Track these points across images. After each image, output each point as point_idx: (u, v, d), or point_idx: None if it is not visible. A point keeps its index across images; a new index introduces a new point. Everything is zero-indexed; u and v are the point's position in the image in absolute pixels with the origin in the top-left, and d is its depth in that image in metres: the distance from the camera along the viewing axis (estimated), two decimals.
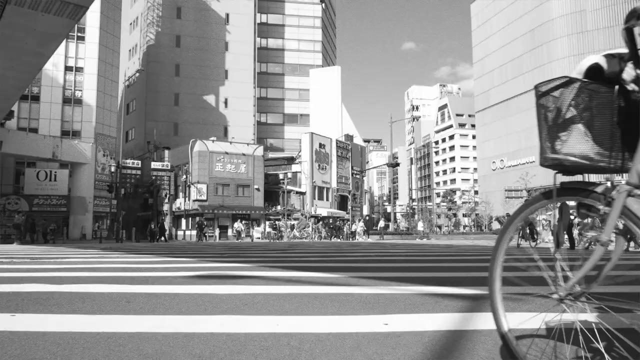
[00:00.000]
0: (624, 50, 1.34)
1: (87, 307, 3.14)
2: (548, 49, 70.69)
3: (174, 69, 61.76)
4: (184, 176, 45.88)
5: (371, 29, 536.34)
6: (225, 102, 63.13)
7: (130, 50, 65.71)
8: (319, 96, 69.69)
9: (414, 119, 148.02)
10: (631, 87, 1.28)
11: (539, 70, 71.71)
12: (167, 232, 37.42)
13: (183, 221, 45.20)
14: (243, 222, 40.89)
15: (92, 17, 44.66)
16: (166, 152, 51.18)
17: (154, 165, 47.48)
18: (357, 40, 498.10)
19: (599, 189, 1.37)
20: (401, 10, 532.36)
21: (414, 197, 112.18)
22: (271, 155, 57.45)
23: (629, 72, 1.32)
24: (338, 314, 2.94)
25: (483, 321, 2.60)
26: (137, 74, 60.67)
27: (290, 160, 53.55)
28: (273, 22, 76.85)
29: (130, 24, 66.29)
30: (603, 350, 1.49)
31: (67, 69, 43.99)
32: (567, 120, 1.40)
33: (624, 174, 1.35)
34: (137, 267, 6.43)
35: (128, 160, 48.18)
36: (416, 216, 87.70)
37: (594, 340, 1.57)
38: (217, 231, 41.49)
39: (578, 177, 1.48)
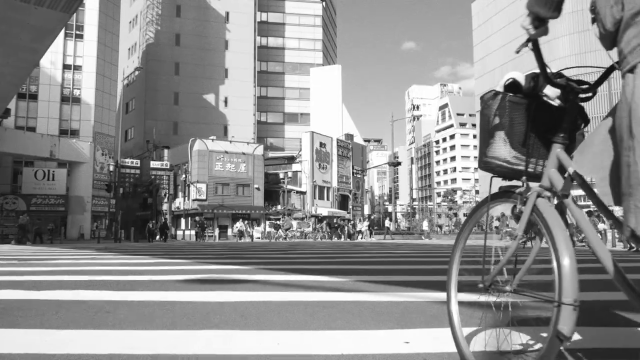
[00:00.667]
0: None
1: (59, 320, 2.73)
2: (549, 48, 70.27)
3: (174, 68, 61.33)
4: (183, 175, 45.46)
5: (371, 29, 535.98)
6: (225, 101, 62.71)
7: (129, 49, 65.29)
8: (319, 95, 69.28)
9: (414, 118, 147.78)
10: (557, 102, 1.39)
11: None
12: (168, 232, 37.02)
13: (182, 221, 44.81)
14: (246, 221, 40.46)
15: (91, 15, 44.25)
16: (165, 151, 50.74)
17: (153, 164, 47.06)
18: (358, 39, 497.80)
19: (518, 191, 1.55)
20: (401, 9, 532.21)
21: (414, 196, 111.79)
22: (271, 154, 57.03)
23: (552, 90, 1.46)
24: (349, 327, 2.53)
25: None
26: (136, 72, 60.28)
27: (291, 160, 53.13)
28: (273, 20, 76.43)
29: (130, 22, 65.85)
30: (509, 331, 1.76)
31: (66, 67, 43.55)
32: (493, 128, 1.57)
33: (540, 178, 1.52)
34: (127, 270, 6.01)
35: (127, 160, 47.77)
36: (417, 216, 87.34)
37: (502, 325, 1.81)
38: (216, 231, 41.06)
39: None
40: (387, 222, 38.24)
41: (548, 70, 1.45)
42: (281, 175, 50.42)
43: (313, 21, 77.08)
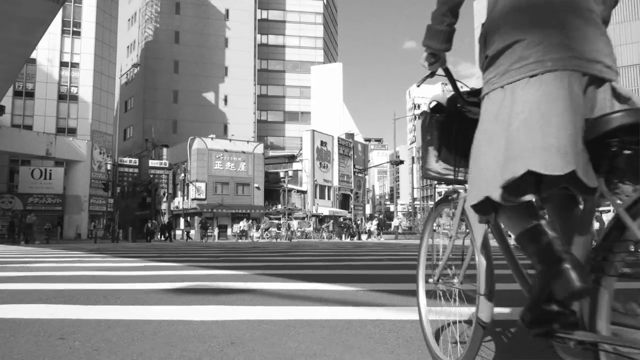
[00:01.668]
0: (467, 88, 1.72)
1: None
2: None
3: (173, 66, 60.67)
4: (182, 174, 44.84)
5: (372, 27, 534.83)
6: (225, 100, 62.04)
7: (128, 47, 64.62)
8: (320, 93, 68.58)
9: (416, 117, 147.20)
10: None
11: None
12: (177, 231, 36.40)
13: (182, 220, 44.19)
14: (250, 221, 39.82)
15: (88, 12, 43.62)
16: (164, 150, 50.11)
17: (152, 163, 46.43)
18: (359, 38, 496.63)
19: (452, 196, 1.77)
20: (402, 8, 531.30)
21: (416, 195, 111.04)
22: (272, 153, 56.39)
23: (474, 111, 1.59)
24: None
25: None
26: (135, 70, 59.63)
27: (291, 158, 52.49)
28: (274, 18, 75.75)
29: (129, 20, 65.18)
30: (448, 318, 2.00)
31: (63, 64, 42.91)
32: (425, 143, 1.78)
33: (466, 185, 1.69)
34: (109, 277, 5.36)
35: (125, 159, 47.13)
36: (419, 215, 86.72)
37: (445, 313, 1.99)
38: (216, 231, 40.41)
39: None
40: (395, 222, 37.42)
41: (466, 89, 1.70)
42: (281, 174, 49.78)
43: (314, 19, 76.39)
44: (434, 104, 1.76)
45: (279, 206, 46.76)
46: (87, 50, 43.34)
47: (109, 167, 38.22)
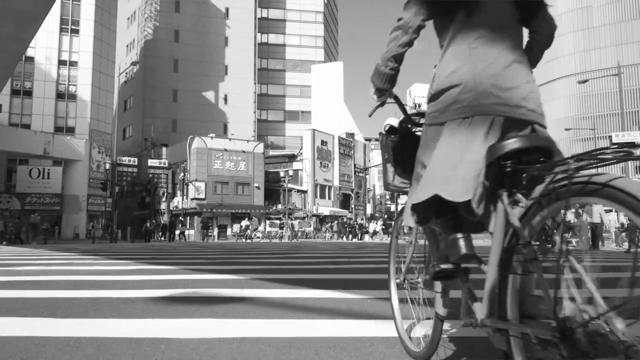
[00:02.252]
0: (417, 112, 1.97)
1: None
2: (554, 45, 68.03)
3: (173, 65, 60.29)
4: (182, 174, 44.47)
5: (373, 26, 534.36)
6: (225, 99, 61.65)
7: (127, 46, 64.25)
8: (321, 92, 68.17)
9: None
10: None
11: (543, 67, 70.30)
12: (177, 231, 36.05)
13: (181, 220, 43.81)
14: (253, 220, 39.41)
15: (87, 10, 43.21)
16: (164, 149, 49.75)
17: (151, 162, 46.06)
18: (359, 37, 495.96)
19: None
20: (402, 8, 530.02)
21: None
22: (272, 152, 56.02)
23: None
24: None
25: None
26: (133, 68, 59.25)
27: (291, 158, 52.11)
28: (274, 17, 75.33)
29: (128, 18, 64.81)
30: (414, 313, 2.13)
31: (61, 62, 42.50)
32: (385, 161, 1.97)
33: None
34: (96, 282, 5.00)
35: (124, 158, 46.76)
36: None
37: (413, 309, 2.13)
38: (215, 230, 40.02)
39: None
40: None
41: (415, 111, 1.96)
42: (282, 174, 49.39)
43: (314, 17, 75.96)
44: (388, 127, 1.96)
45: (279, 206, 46.37)
46: (85, 49, 42.94)
47: (107, 166, 37.84)
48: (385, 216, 46.41)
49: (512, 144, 1.36)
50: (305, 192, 48.65)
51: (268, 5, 74.59)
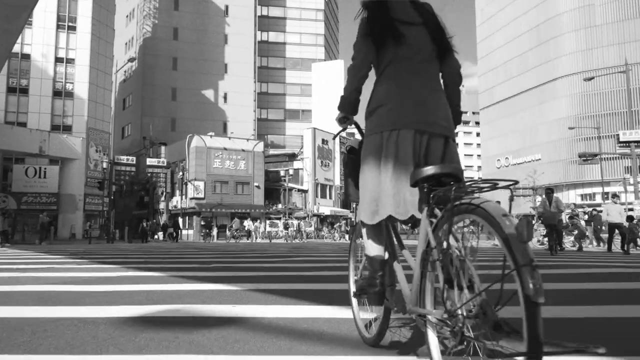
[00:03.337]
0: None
1: None
2: (555, 45, 68.67)
3: (172, 63, 59.60)
4: (181, 173, 43.80)
5: None
6: (225, 97, 60.96)
7: (126, 44, 63.56)
8: (321, 91, 67.39)
9: None
10: None
11: (545, 66, 69.62)
12: (180, 231, 35.51)
13: (180, 220, 43.10)
14: (257, 220, 38.69)
15: (84, 6, 42.50)
16: (162, 148, 49.11)
17: (150, 161, 45.40)
18: None
19: None
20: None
21: None
22: (272, 151, 55.35)
23: None
24: None
25: None
26: (131, 66, 58.57)
27: (292, 157, 51.42)
28: (274, 14, 74.60)
29: (127, 16, 64.11)
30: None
31: (58, 60, 41.79)
32: (345, 175, 2.27)
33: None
34: (64, 294, 4.29)
35: (122, 157, 46.08)
36: None
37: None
38: (215, 231, 39.31)
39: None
40: None
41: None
42: (282, 173, 48.73)
43: (315, 15, 75.23)
44: (349, 147, 2.23)
45: (280, 205, 45.69)
46: (82, 46, 42.23)
47: (105, 165, 37.15)
48: None
49: (428, 170, 1.66)
50: (305, 191, 47.97)
51: (268, 3, 73.87)
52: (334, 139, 2.81)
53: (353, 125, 2.21)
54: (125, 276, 5.83)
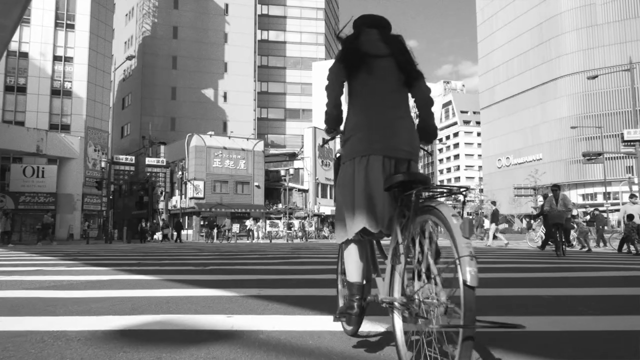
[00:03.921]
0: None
1: None
2: (556, 44, 68.31)
3: (171, 62, 59.20)
4: (180, 172, 43.40)
5: None
6: (225, 96, 60.56)
7: (126, 43, 63.16)
8: (322, 90, 66.91)
9: (417, 116, 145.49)
10: None
11: (546, 65, 69.22)
12: (176, 231, 35.11)
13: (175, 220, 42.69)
14: (260, 221, 38.25)
15: (83, 4, 42.09)
16: (162, 147, 48.72)
17: (149, 161, 45.00)
18: None
19: None
20: (403, 6, 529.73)
21: None
22: (272, 151, 54.96)
23: None
24: None
25: None
26: (131, 65, 58.18)
27: (292, 156, 51.02)
28: (274, 13, 74.19)
29: (126, 15, 63.71)
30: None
31: (56, 58, 41.38)
32: (335, 180, 2.39)
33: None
34: (42, 301, 3.89)
35: (121, 156, 45.68)
36: None
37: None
38: (214, 231, 38.90)
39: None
40: None
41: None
42: (282, 173, 48.34)
43: (315, 14, 74.83)
44: (338, 155, 2.34)
45: (280, 205, 45.29)
46: (81, 44, 41.82)
47: (103, 164, 36.75)
48: None
49: (397, 177, 1.92)
50: (306, 191, 47.58)
51: (268, 2, 73.46)
52: (322, 146, 2.91)
53: (341, 134, 2.35)
54: (114, 280, 5.44)
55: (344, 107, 2.34)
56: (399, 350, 1.79)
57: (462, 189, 1.71)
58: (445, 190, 1.82)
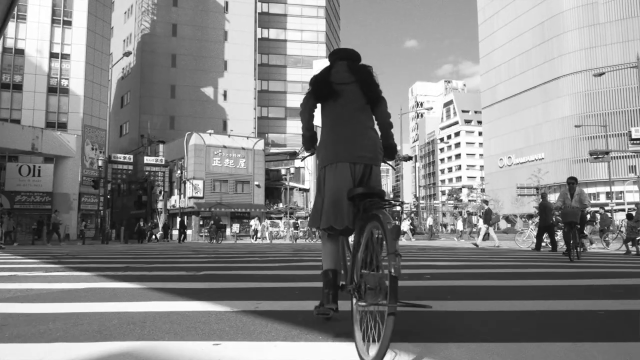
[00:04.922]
0: None
1: None
2: (558, 42, 67.70)
3: (170, 60, 58.56)
4: (179, 171, 42.73)
5: (374, 25, 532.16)
6: (225, 95, 59.92)
7: (124, 40, 62.50)
8: None
9: (419, 115, 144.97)
10: None
11: (548, 64, 68.56)
12: (171, 230, 34.38)
13: (178, 220, 42.02)
14: (265, 220, 37.45)
15: (80, 1, 41.47)
16: (160, 146, 48.07)
17: (147, 160, 44.34)
18: (361, 33, 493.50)
19: None
20: (403, 5, 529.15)
21: (418, 194, 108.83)
22: (272, 150, 54.32)
23: None
24: None
25: None
26: (130, 63, 57.50)
27: (293, 155, 50.38)
28: (274, 11, 73.54)
29: (125, 12, 63.05)
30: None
31: (53, 55, 40.73)
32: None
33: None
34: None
35: (119, 155, 45.01)
36: (425, 214, 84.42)
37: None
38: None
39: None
40: (430, 220, 33.99)
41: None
42: (283, 172, 47.68)
43: (316, 12, 74.16)
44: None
45: (281, 205, 44.62)
46: (78, 41, 41.16)
47: (100, 163, 36.07)
48: (413, 216, 43.48)
49: (357, 190, 2.37)
50: (307, 190, 46.92)
51: (268, 0, 72.78)
52: (302, 160, 3.74)
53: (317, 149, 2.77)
54: (90, 289, 4.73)
55: (318, 130, 2.79)
56: (353, 321, 2.22)
57: (400, 201, 4.21)
58: (386, 202, 2.37)
